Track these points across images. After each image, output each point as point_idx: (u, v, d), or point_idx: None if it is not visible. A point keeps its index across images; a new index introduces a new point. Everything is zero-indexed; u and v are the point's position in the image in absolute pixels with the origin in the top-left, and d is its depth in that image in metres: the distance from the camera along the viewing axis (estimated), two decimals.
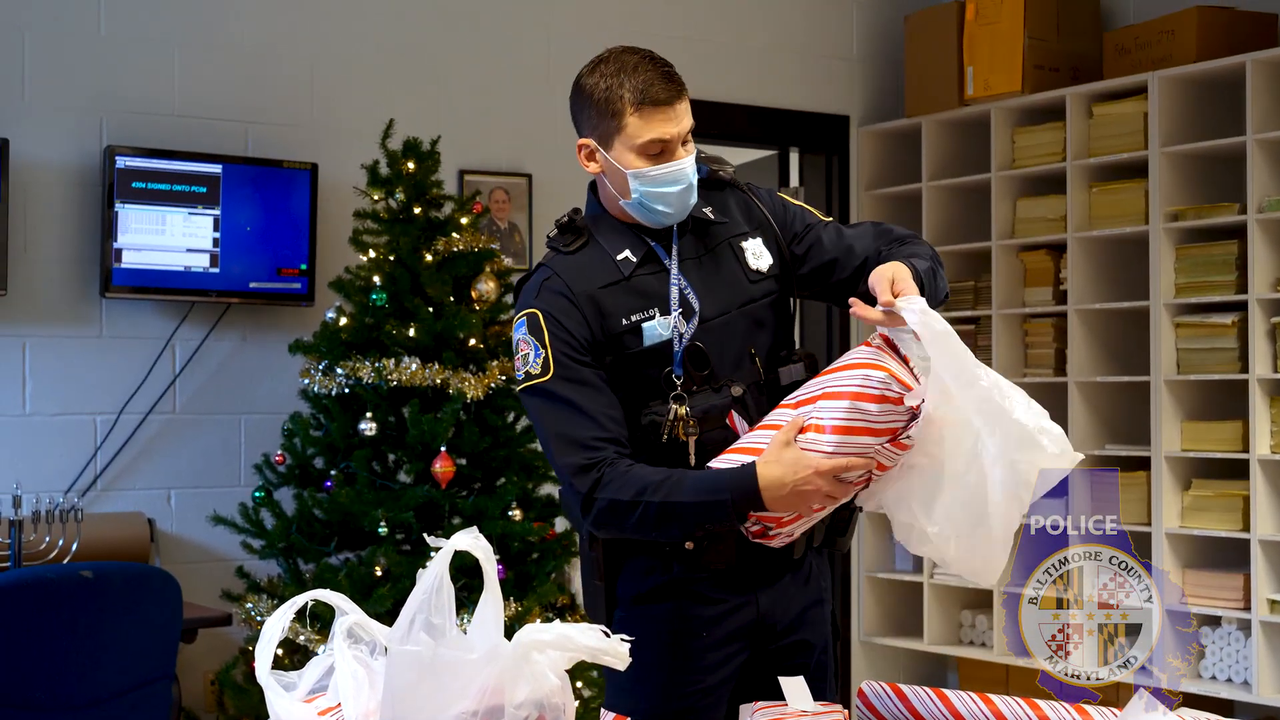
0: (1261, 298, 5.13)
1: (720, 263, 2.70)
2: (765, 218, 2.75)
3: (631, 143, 2.57)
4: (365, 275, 4.65)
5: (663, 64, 2.59)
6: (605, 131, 2.60)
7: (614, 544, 2.66)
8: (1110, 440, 5.62)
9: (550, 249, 2.70)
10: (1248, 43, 5.38)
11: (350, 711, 1.87)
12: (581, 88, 2.63)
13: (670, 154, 2.59)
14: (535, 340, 2.60)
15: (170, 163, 4.99)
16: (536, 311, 2.61)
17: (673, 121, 2.58)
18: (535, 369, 2.59)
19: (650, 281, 2.64)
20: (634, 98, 2.55)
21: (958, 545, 2.44)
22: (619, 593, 2.67)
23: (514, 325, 2.65)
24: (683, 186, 2.60)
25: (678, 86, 2.59)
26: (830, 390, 2.47)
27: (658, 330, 2.61)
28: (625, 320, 2.61)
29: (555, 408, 2.58)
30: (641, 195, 2.60)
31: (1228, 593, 5.17)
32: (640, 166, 2.58)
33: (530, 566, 4.61)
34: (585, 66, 2.64)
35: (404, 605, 1.82)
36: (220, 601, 4.84)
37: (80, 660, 3.71)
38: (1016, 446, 2.36)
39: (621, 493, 2.51)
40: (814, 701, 2.10)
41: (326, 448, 4.65)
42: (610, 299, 2.62)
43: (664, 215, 2.62)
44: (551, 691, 1.79)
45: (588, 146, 2.64)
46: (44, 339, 4.94)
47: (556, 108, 5.87)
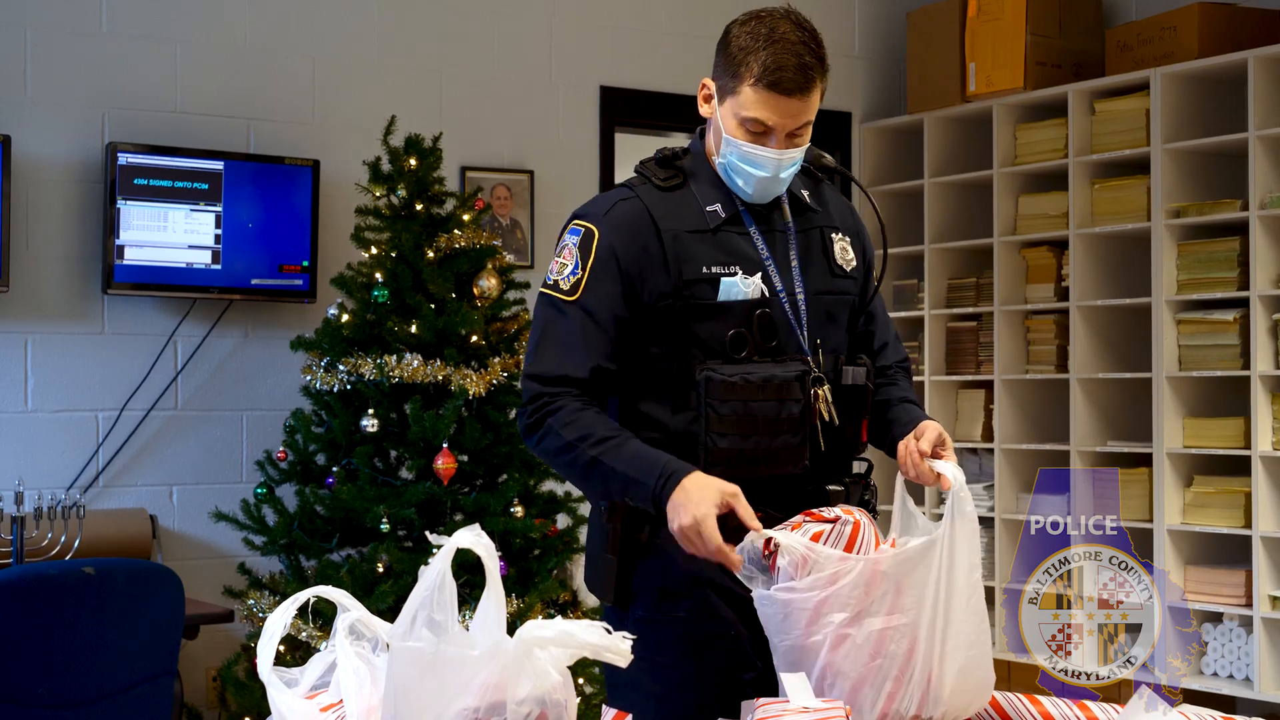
0: (1263, 294, 5.13)
1: (810, 246, 2.66)
2: (856, 229, 2.75)
3: (739, 112, 2.52)
4: (367, 272, 4.65)
5: (808, 52, 2.51)
6: (724, 86, 2.55)
7: (631, 521, 2.58)
8: (1112, 437, 5.62)
9: (641, 176, 2.65)
10: (1250, 39, 5.38)
11: (352, 708, 1.87)
12: (727, 33, 2.57)
13: (768, 140, 2.53)
14: (580, 257, 2.56)
15: (172, 159, 4.99)
16: (596, 231, 2.56)
17: (786, 113, 2.50)
18: (565, 284, 2.55)
19: (736, 240, 2.59)
20: (760, 73, 2.48)
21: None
22: (635, 585, 2.61)
23: (568, 227, 2.60)
24: (766, 175, 2.55)
25: (809, 82, 2.51)
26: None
27: (739, 287, 2.54)
28: (705, 269, 2.55)
29: (560, 325, 2.55)
30: (728, 164, 2.57)
31: (1229, 589, 5.17)
32: (737, 137, 2.53)
33: (532, 563, 4.61)
34: (745, 13, 2.57)
35: (406, 602, 1.82)
36: (222, 598, 4.85)
37: (82, 657, 3.71)
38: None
39: (567, 430, 2.50)
40: (815, 698, 2.09)
41: (328, 444, 4.65)
42: (694, 244, 2.56)
43: (742, 190, 2.59)
44: (553, 688, 1.79)
45: (708, 89, 2.61)
46: (46, 335, 4.94)
47: (558, 104, 5.93)
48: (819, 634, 2.26)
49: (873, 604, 2.26)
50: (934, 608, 2.25)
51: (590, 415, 2.52)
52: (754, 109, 2.50)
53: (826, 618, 2.25)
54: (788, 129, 2.52)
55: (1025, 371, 5.86)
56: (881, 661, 2.26)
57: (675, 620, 2.58)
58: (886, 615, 2.26)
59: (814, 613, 2.26)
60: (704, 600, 2.58)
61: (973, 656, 2.27)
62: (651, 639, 2.55)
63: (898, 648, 2.26)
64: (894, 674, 2.26)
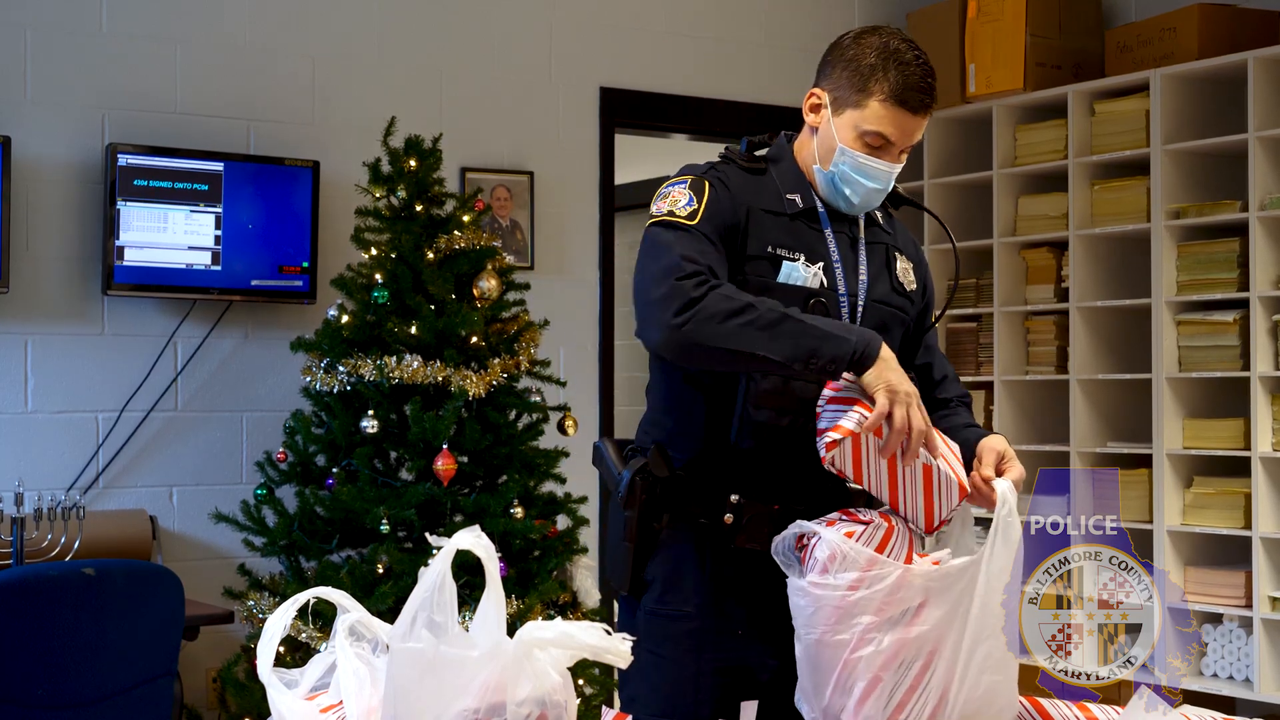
0: (1263, 295, 5.14)
1: (874, 257, 2.70)
2: (919, 259, 2.81)
3: (860, 125, 2.58)
4: (367, 273, 4.65)
5: (931, 75, 2.60)
6: (843, 98, 2.60)
7: (649, 509, 2.61)
8: (1112, 438, 5.62)
9: (724, 158, 2.69)
10: (1250, 40, 5.38)
11: (352, 709, 1.87)
12: (845, 46, 2.63)
13: (884, 154, 2.60)
14: (694, 194, 2.58)
15: (172, 160, 4.99)
16: (705, 181, 2.60)
17: (908, 130, 2.59)
18: (682, 212, 2.56)
19: (807, 231, 2.63)
20: (891, 90, 2.56)
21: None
22: (649, 575, 2.63)
23: (667, 184, 2.61)
24: (877, 187, 2.61)
25: (930, 103, 2.60)
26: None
27: (800, 271, 2.59)
28: (769, 248, 2.59)
29: (689, 237, 2.53)
30: (838, 173, 2.61)
31: (1229, 590, 5.17)
32: (854, 149, 2.59)
33: (532, 564, 4.61)
34: (858, 29, 2.65)
35: (406, 603, 1.82)
36: (222, 599, 4.84)
37: (82, 658, 3.71)
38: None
39: (735, 296, 2.45)
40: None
41: (328, 445, 4.65)
42: (767, 223, 2.61)
43: (845, 201, 2.63)
44: (553, 689, 1.79)
45: (818, 99, 2.65)
46: (46, 336, 4.94)
47: (558, 105, 5.93)
48: (845, 633, 2.28)
49: (899, 613, 2.27)
50: (961, 628, 2.27)
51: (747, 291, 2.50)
52: (879, 124, 2.57)
53: (855, 619, 2.27)
54: (905, 145, 2.61)
55: (1025, 372, 5.86)
56: (896, 671, 2.27)
57: (683, 615, 2.60)
58: (906, 626, 2.27)
59: (844, 611, 2.28)
60: (713, 597, 2.59)
61: (996, 682, 2.28)
62: (660, 632, 2.60)
63: (914, 658, 2.27)
64: (907, 685, 2.27)
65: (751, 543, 2.56)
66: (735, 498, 2.57)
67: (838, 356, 2.40)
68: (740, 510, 2.56)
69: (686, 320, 2.43)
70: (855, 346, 2.40)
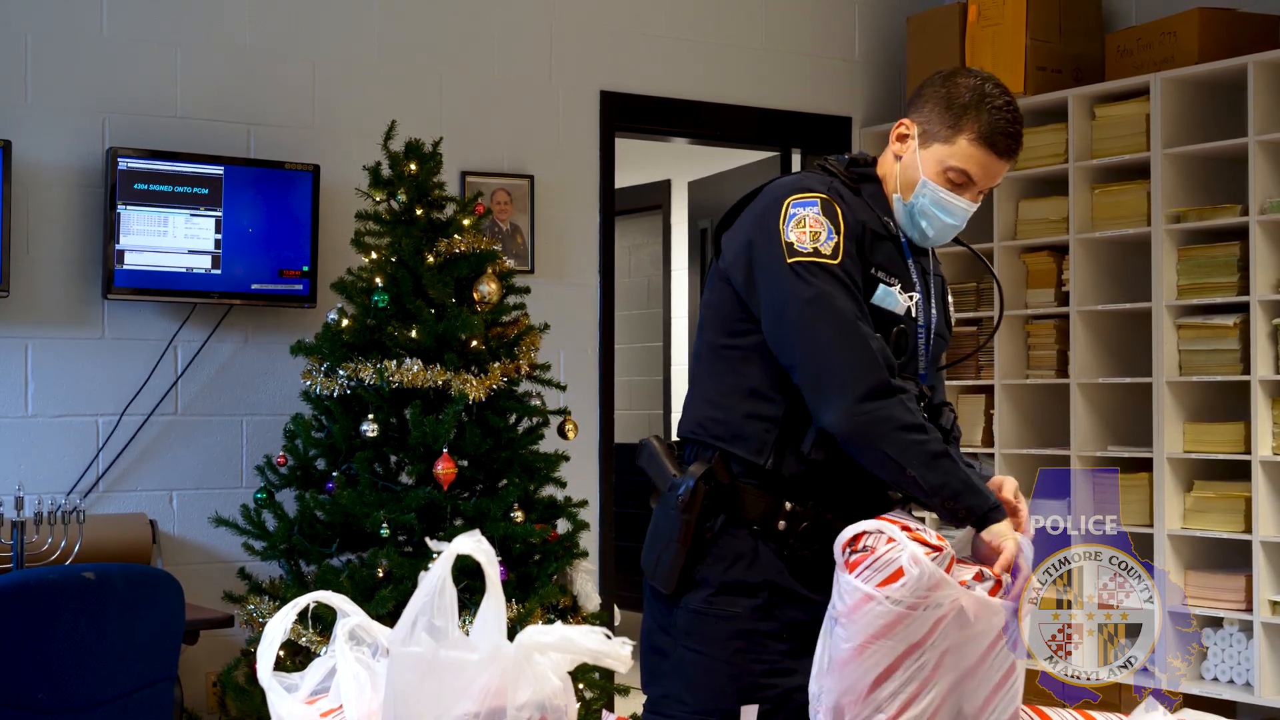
0: (1263, 299, 5.13)
1: (938, 292, 2.78)
2: (945, 292, 2.87)
3: (946, 160, 2.64)
4: (367, 277, 4.65)
5: (1019, 122, 2.65)
6: (932, 131, 2.65)
7: (707, 512, 2.63)
8: (1112, 441, 5.62)
9: (826, 173, 2.71)
10: (1250, 44, 5.38)
11: (352, 712, 1.87)
12: (948, 83, 2.67)
13: (965, 191, 2.65)
14: (830, 223, 2.60)
15: (172, 164, 4.99)
16: (835, 205, 2.62)
17: (992, 172, 2.65)
18: (826, 249, 2.58)
19: (898, 258, 2.69)
20: (983, 131, 2.62)
21: None
22: (699, 575, 2.65)
23: (793, 203, 2.61)
24: (954, 223, 2.67)
25: (1016, 149, 2.66)
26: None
27: (896, 297, 2.65)
28: (873, 269, 2.64)
29: (842, 293, 2.56)
30: (918, 206, 2.66)
31: (1230, 594, 5.17)
32: (937, 183, 2.64)
33: (532, 568, 4.61)
34: (954, 69, 2.71)
35: (406, 607, 1.82)
36: (222, 603, 4.84)
37: (82, 662, 3.71)
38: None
39: (915, 410, 2.52)
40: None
41: (328, 449, 4.65)
42: (875, 244, 2.66)
43: (918, 233, 2.69)
44: (553, 693, 1.80)
45: (907, 129, 2.69)
46: (46, 340, 4.94)
47: (558, 109, 5.93)
48: (889, 648, 2.33)
49: (933, 637, 2.31)
50: (984, 660, 2.33)
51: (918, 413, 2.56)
52: (965, 161, 2.62)
53: (897, 633, 2.30)
54: (985, 186, 2.66)
55: (1025, 376, 5.86)
56: (909, 688, 2.30)
57: (730, 615, 2.63)
58: (937, 650, 2.32)
59: (889, 625, 2.30)
60: (767, 600, 2.62)
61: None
62: (708, 631, 2.63)
63: (923, 672, 2.31)
64: (913, 700, 2.31)
65: (804, 549, 2.61)
66: (790, 505, 2.61)
67: (973, 508, 2.49)
68: (794, 517, 2.60)
69: (874, 410, 2.50)
70: (991, 505, 2.49)
